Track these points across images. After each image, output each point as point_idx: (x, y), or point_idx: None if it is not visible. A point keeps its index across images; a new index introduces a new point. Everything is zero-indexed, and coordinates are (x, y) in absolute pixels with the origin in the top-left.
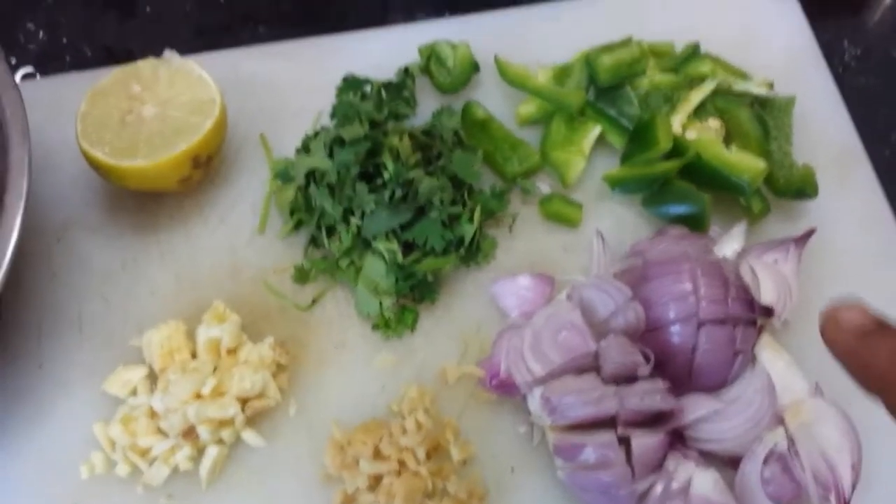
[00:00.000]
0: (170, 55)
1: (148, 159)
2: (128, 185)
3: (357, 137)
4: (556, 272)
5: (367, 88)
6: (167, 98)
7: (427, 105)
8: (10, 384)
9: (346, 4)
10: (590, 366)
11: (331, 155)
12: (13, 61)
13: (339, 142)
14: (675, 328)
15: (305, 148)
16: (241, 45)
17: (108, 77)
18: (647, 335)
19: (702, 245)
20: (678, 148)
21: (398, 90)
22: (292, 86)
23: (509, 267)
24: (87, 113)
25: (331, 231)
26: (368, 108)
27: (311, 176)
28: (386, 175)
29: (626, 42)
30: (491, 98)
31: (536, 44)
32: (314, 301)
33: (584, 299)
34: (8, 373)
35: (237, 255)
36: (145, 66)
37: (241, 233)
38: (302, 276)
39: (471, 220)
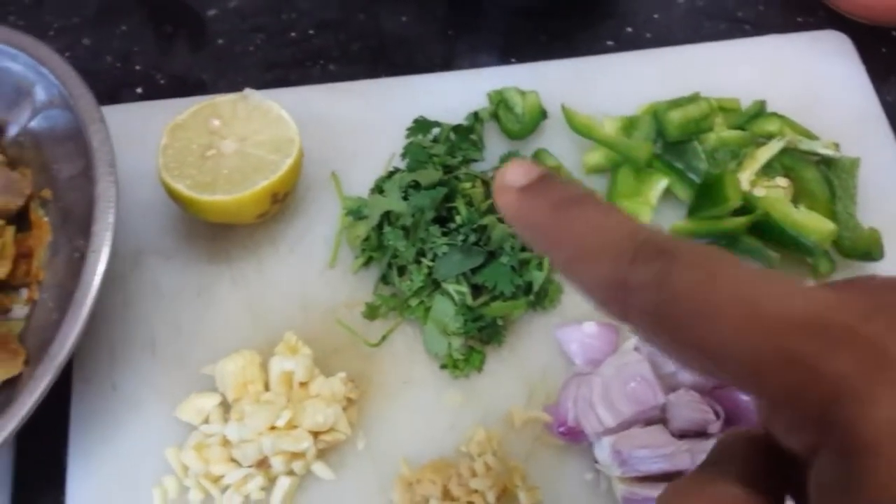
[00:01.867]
0: (249, 92)
1: (228, 195)
2: (207, 218)
3: (433, 182)
4: None
5: (437, 131)
6: (246, 135)
7: (493, 149)
8: (84, 404)
9: (414, 47)
10: (657, 418)
11: (405, 197)
12: None
13: (414, 185)
14: None
15: (379, 189)
16: (310, 81)
17: (187, 111)
18: (715, 391)
19: None
20: (747, 205)
21: (466, 133)
22: (362, 124)
23: (574, 312)
24: (167, 146)
25: (402, 270)
26: (440, 151)
27: (386, 216)
28: (458, 220)
29: (695, 98)
30: (555, 145)
31: (601, 93)
32: (383, 338)
33: (652, 351)
34: (83, 393)
35: (307, 287)
36: (224, 101)
37: (312, 265)
38: (372, 312)
39: (540, 266)
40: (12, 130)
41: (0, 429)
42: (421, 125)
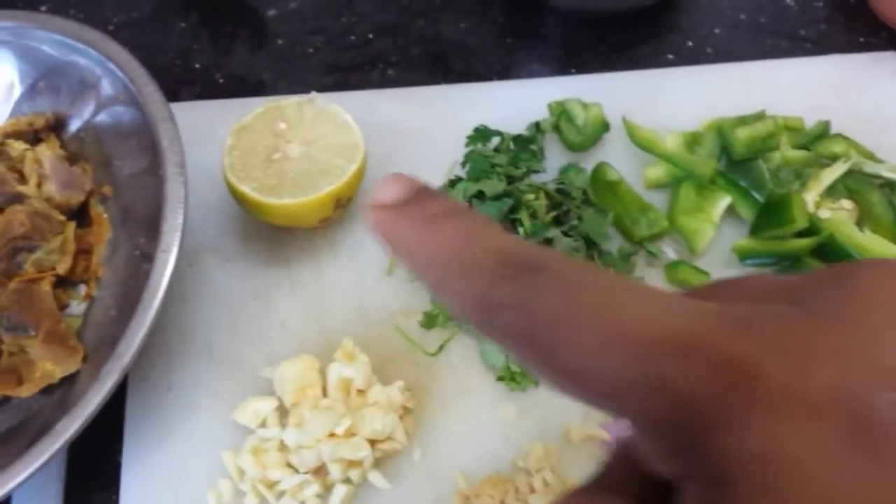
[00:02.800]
0: (314, 96)
1: (294, 198)
2: (270, 221)
3: (497, 193)
4: None
5: (497, 140)
6: (312, 139)
7: (553, 160)
8: (140, 404)
9: (473, 54)
10: None
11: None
12: None
13: (478, 195)
14: None
15: None
16: (370, 85)
17: (253, 113)
18: None
19: None
20: (811, 226)
21: (527, 144)
22: (422, 130)
23: None
24: (233, 147)
25: None
26: (502, 161)
27: None
28: (521, 231)
29: (761, 116)
30: (615, 158)
31: (662, 107)
32: (441, 347)
33: None
34: (138, 392)
35: (365, 294)
36: (289, 104)
37: (370, 272)
38: (430, 321)
39: None
40: (74, 125)
41: (65, 428)
42: (481, 134)
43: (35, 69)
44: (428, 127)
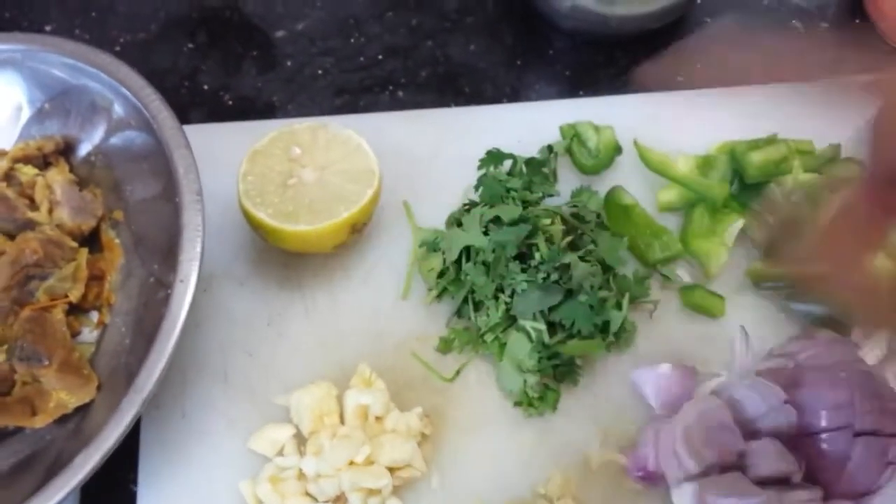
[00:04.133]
0: (328, 121)
1: (310, 225)
2: (285, 247)
3: (514, 219)
4: (696, 362)
5: (508, 163)
6: (326, 163)
7: (564, 183)
8: (154, 431)
9: (482, 76)
10: (734, 464)
11: (485, 232)
12: None
13: (495, 220)
14: (826, 436)
15: (458, 222)
16: (379, 107)
17: (266, 138)
18: (795, 439)
19: (851, 352)
20: None
21: (539, 167)
22: (432, 153)
23: (648, 353)
24: (247, 172)
25: (478, 305)
26: (517, 185)
27: (465, 251)
28: (538, 256)
29: (773, 139)
30: (627, 181)
31: (672, 130)
32: (457, 373)
33: (732, 397)
34: (153, 419)
35: (380, 319)
36: (302, 129)
37: (384, 297)
38: (446, 346)
39: (618, 306)
40: (83, 149)
41: (84, 462)
42: (493, 157)
43: (44, 92)
44: (439, 150)
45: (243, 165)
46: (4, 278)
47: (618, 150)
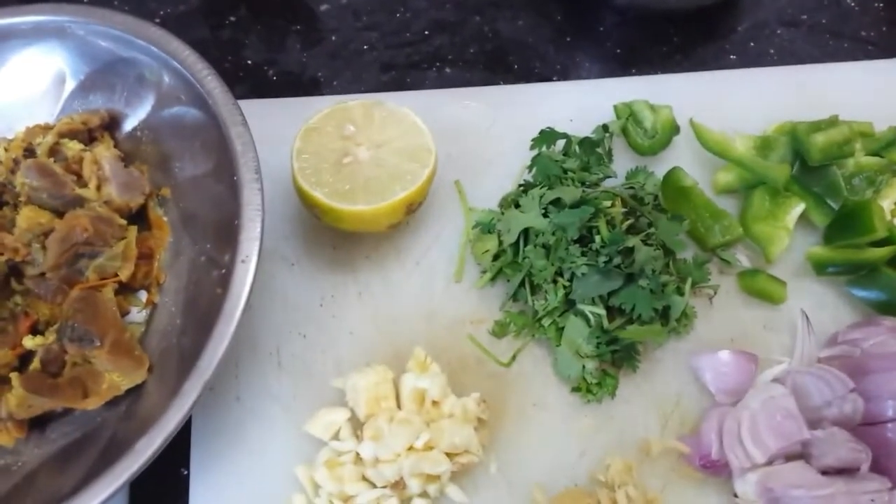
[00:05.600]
0: (382, 98)
1: (368, 205)
2: (340, 227)
3: (576, 201)
4: (756, 349)
5: (561, 142)
6: (381, 142)
7: (618, 163)
8: (207, 415)
9: (531, 53)
10: (797, 453)
11: (545, 214)
12: None
13: (555, 202)
14: (893, 425)
15: (515, 203)
16: (427, 84)
17: (319, 114)
18: (860, 428)
19: None
20: (888, 235)
21: (593, 147)
22: (483, 131)
23: (708, 339)
24: (301, 150)
25: (534, 288)
26: (573, 166)
27: (523, 233)
28: (598, 240)
29: (834, 121)
30: (681, 161)
31: (727, 109)
32: (513, 357)
33: (797, 384)
34: (206, 403)
35: (433, 301)
36: (356, 106)
37: (436, 278)
38: (501, 329)
39: (679, 291)
40: (129, 124)
41: (146, 447)
42: (546, 136)
43: (88, 64)
44: (489, 129)
45: (297, 143)
46: (53, 256)
47: (675, 129)
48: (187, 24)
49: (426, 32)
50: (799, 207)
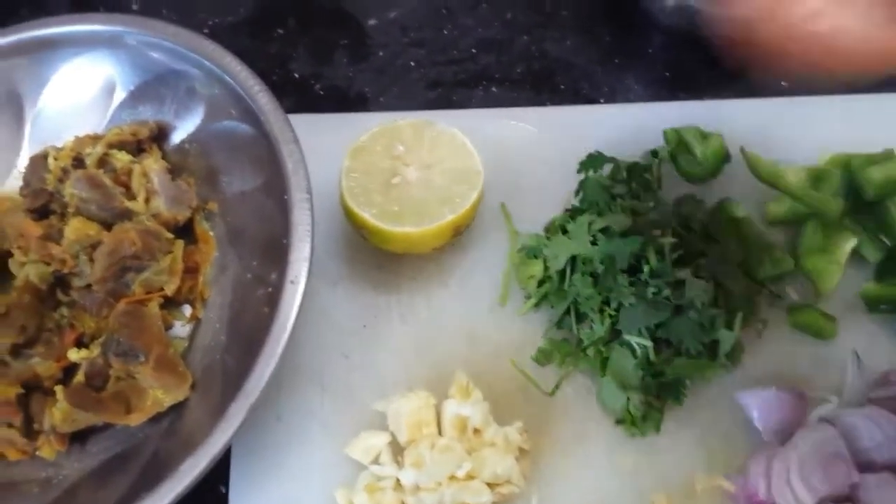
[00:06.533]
0: (432, 119)
1: (416, 227)
2: (386, 248)
3: (625, 229)
4: (805, 386)
5: (608, 167)
6: (430, 163)
7: (666, 190)
8: (248, 434)
9: (578, 74)
10: (846, 496)
11: (593, 241)
12: None
13: (604, 230)
14: None
15: (562, 229)
16: (473, 103)
17: (368, 133)
18: None
19: None
20: None
21: (642, 172)
22: (529, 153)
23: (755, 374)
24: (351, 168)
25: (580, 316)
26: (622, 192)
27: (571, 260)
28: (646, 270)
29: (890, 155)
30: (732, 190)
31: (778, 138)
32: (557, 386)
33: (846, 425)
34: (247, 422)
35: (476, 325)
36: (406, 125)
37: (480, 303)
38: (545, 357)
39: (729, 325)
40: (177, 137)
41: (192, 468)
42: (594, 160)
43: (139, 75)
44: (535, 150)
45: (346, 161)
46: (101, 269)
47: (726, 157)
48: (235, 35)
49: (473, 50)
50: (852, 242)
